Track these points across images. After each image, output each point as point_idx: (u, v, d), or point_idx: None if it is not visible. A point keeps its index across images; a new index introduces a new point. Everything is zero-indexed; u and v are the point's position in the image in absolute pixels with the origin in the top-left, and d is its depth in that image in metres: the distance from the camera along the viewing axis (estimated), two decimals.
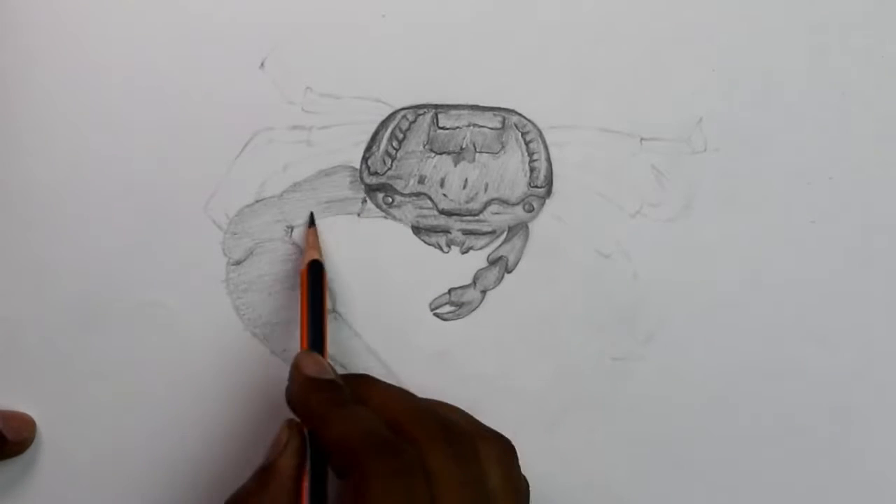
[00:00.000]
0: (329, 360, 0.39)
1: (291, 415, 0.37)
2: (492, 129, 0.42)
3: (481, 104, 0.42)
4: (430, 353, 0.42)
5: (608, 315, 0.42)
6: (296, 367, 0.37)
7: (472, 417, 0.38)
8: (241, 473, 0.42)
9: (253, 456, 0.42)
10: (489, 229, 0.42)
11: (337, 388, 0.37)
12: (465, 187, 0.42)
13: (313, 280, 0.40)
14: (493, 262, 0.42)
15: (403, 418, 0.36)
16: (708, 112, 0.43)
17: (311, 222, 0.42)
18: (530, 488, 0.38)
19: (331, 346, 0.42)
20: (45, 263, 0.42)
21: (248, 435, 0.42)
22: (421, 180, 0.42)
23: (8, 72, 0.42)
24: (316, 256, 0.40)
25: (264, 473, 0.36)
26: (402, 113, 0.42)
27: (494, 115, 0.42)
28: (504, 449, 0.37)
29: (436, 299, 0.42)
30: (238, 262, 0.42)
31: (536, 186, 0.42)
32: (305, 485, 0.36)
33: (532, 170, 0.42)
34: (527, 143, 0.42)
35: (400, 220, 0.42)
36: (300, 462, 0.36)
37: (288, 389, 0.37)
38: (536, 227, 0.42)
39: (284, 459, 0.36)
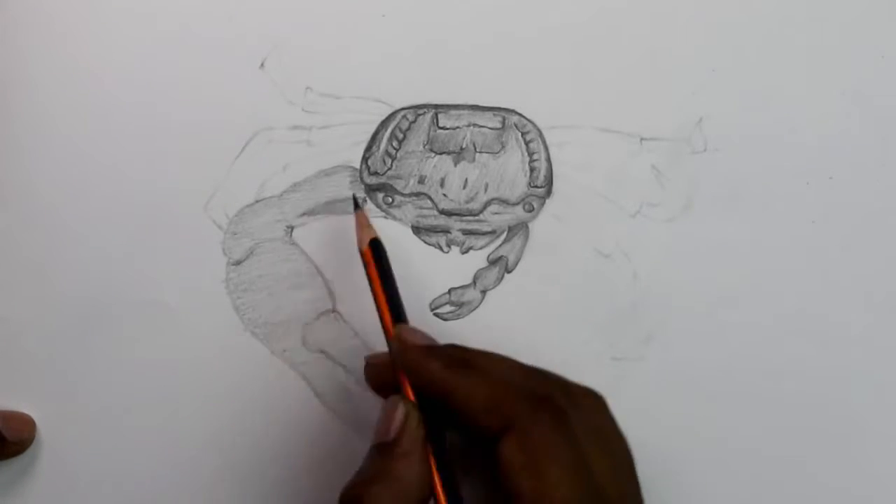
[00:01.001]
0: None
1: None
2: (492, 129, 0.42)
3: (481, 104, 0.42)
4: None
5: (608, 315, 0.42)
6: (402, 341, 0.36)
7: (561, 377, 0.38)
8: (240, 473, 0.42)
9: (252, 455, 0.42)
10: (489, 229, 0.42)
11: (454, 352, 0.36)
12: (465, 187, 0.42)
13: (378, 257, 0.38)
14: (493, 262, 0.42)
15: (520, 378, 0.36)
16: (708, 112, 0.43)
17: (357, 205, 0.41)
18: None
19: (331, 347, 0.42)
20: (45, 264, 0.42)
21: (247, 434, 0.42)
22: (421, 180, 0.42)
23: (8, 72, 0.42)
24: (374, 234, 0.39)
25: (389, 451, 0.35)
26: (402, 113, 0.42)
27: (494, 115, 0.42)
28: (601, 400, 0.37)
29: (436, 299, 0.42)
30: (238, 262, 0.42)
31: (536, 186, 0.42)
32: (431, 457, 0.35)
33: (532, 170, 0.42)
34: (527, 143, 0.42)
35: (400, 220, 0.42)
36: (424, 434, 0.35)
37: (397, 363, 0.36)
38: (536, 226, 0.42)
39: (409, 434, 0.35)
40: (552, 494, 0.32)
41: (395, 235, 0.42)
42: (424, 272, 0.42)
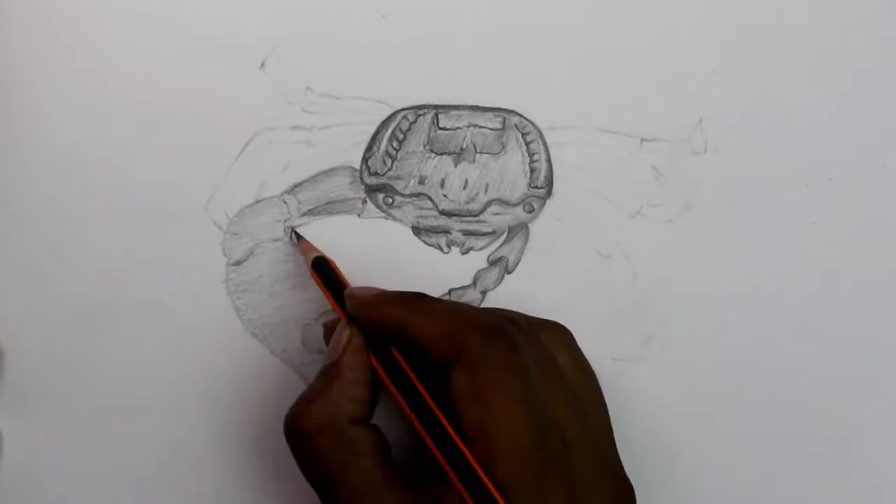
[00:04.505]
0: None
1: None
2: (492, 129, 0.42)
3: (482, 104, 0.42)
4: None
5: (608, 315, 0.42)
6: (354, 297, 0.37)
7: (523, 313, 0.39)
8: (239, 474, 0.42)
9: (252, 456, 0.42)
10: (489, 230, 0.42)
11: (406, 293, 0.37)
12: (465, 188, 0.42)
13: (325, 275, 0.40)
14: (493, 263, 0.42)
15: (474, 311, 0.36)
16: (708, 112, 0.43)
17: (298, 237, 0.42)
18: None
19: None
20: (45, 264, 0.42)
21: (247, 435, 0.42)
22: (421, 181, 0.42)
23: (7, 72, 0.42)
24: (317, 254, 0.40)
25: (328, 372, 0.36)
26: (403, 113, 0.42)
27: (495, 115, 0.42)
28: (564, 334, 0.38)
29: None
30: (238, 263, 0.42)
31: (537, 187, 0.42)
32: (421, 389, 0.35)
33: (532, 170, 0.42)
34: (527, 144, 0.42)
35: (400, 221, 0.42)
36: (366, 359, 0.36)
37: (355, 318, 0.37)
38: (536, 227, 0.42)
39: (349, 356, 0.36)
40: (495, 423, 0.33)
41: (395, 236, 0.42)
42: (424, 273, 0.42)
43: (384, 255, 0.42)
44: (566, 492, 0.33)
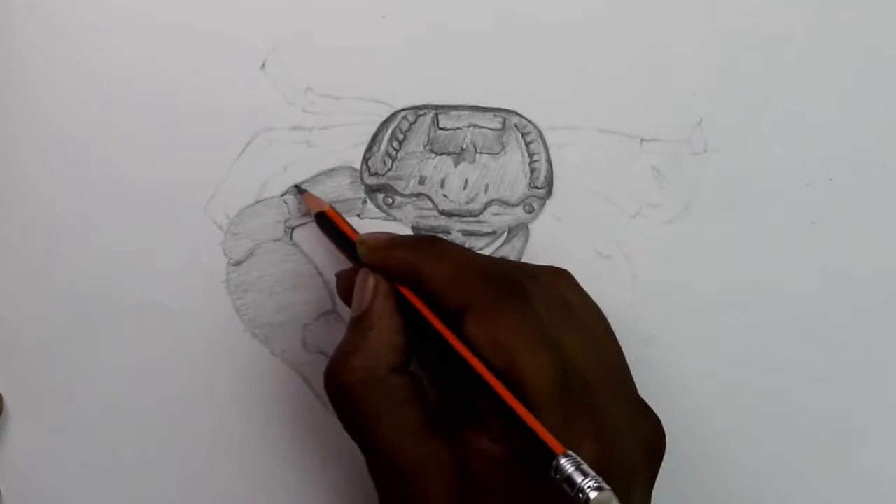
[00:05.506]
0: None
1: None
2: (492, 129, 0.42)
3: (482, 105, 0.42)
4: None
5: (608, 315, 0.42)
6: (365, 243, 0.37)
7: (527, 262, 0.39)
8: (239, 475, 0.42)
9: (251, 457, 0.42)
10: (489, 230, 0.42)
11: (418, 236, 0.37)
12: (465, 188, 0.42)
13: (330, 228, 0.40)
14: None
15: (481, 259, 0.37)
16: (708, 113, 0.43)
17: (301, 191, 0.42)
18: None
19: (330, 348, 0.42)
20: (45, 264, 0.42)
21: (246, 436, 0.42)
22: (421, 181, 0.42)
23: (7, 72, 0.42)
24: (322, 208, 0.40)
25: (361, 323, 0.36)
26: (403, 113, 0.42)
27: (495, 115, 0.42)
28: (567, 276, 0.38)
29: None
30: (238, 263, 0.42)
31: (537, 187, 0.42)
32: (444, 330, 0.35)
33: (532, 170, 0.42)
34: (527, 144, 0.42)
35: (400, 221, 0.42)
36: (395, 304, 0.36)
37: (366, 263, 0.37)
38: (536, 227, 0.42)
39: (379, 304, 0.36)
40: (517, 367, 0.33)
41: None
42: None
43: None
44: (593, 426, 0.33)
